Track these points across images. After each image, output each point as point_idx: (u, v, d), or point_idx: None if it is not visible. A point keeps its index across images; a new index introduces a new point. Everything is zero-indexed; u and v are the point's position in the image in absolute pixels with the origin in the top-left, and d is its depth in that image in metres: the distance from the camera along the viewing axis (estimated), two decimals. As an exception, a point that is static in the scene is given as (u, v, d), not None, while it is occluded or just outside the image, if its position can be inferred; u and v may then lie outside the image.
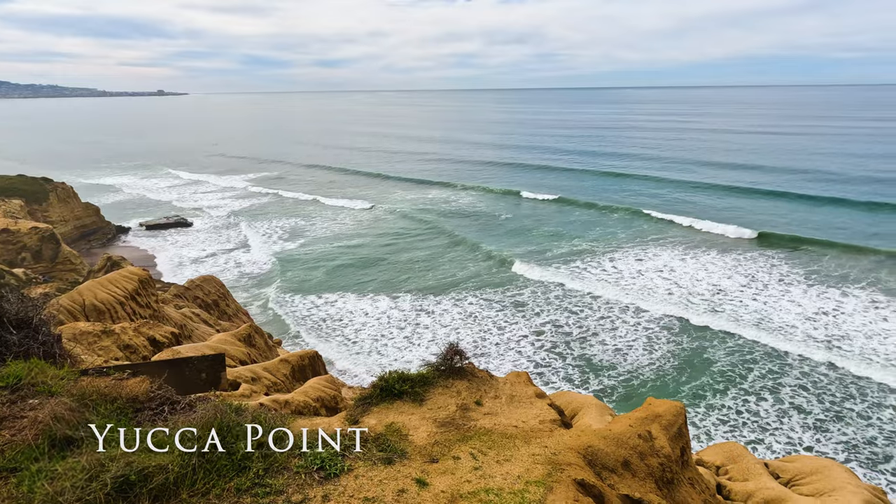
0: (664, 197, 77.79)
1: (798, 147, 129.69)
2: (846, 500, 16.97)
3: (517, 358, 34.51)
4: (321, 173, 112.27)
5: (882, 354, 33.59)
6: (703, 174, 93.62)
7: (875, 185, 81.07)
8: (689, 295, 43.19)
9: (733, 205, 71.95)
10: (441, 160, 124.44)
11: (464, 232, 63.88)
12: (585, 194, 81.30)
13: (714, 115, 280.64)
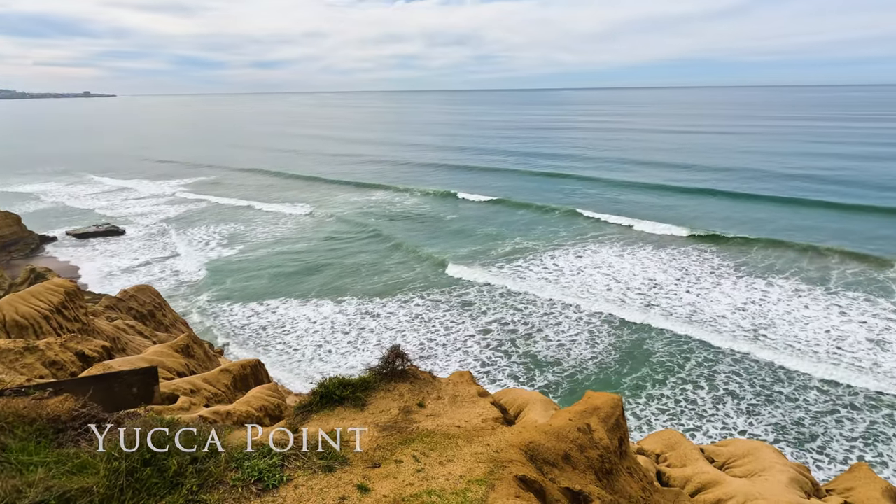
0: (602, 196, 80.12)
1: (721, 146, 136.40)
2: (774, 479, 17.97)
3: (464, 358, 34.73)
4: (260, 177, 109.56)
5: (803, 340, 35.72)
6: (638, 173, 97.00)
7: (793, 181, 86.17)
8: (627, 290, 44.64)
9: (667, 203, 74.86)
10: (383, 162, 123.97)
11: (409, 234, 63.80)
12: (526, 195, 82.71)
13: (645, 115, 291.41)
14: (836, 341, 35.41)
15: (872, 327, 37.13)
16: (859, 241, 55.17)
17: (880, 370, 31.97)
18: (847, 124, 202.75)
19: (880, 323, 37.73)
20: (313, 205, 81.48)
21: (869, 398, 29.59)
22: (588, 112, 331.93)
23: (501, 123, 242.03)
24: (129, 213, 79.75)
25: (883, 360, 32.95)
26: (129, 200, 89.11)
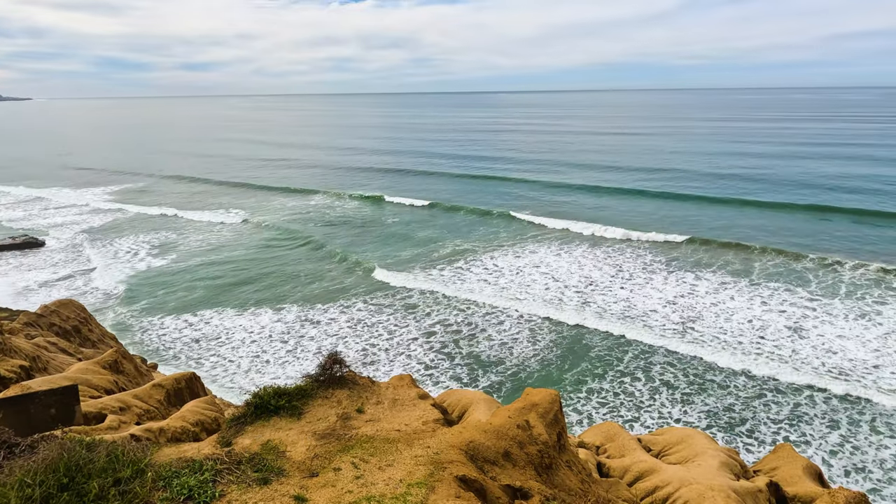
0: (539, 198, 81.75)
1: (652, 147, 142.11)
2: (706, 464, 18.80)
3: (407, 361, 34.62)
4: (191, 184, 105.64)
5: (728, 330, 37.64)
6: (573, 175, 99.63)
7: (719, 180, 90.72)
8: (566, 288, 45.75)
9: (602, 203, 77.26)
10: (320, 167, 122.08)
11: (349, 239, 63.10)
12: (465, 198, 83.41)
13: (580, 117, 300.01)
14: (759, 330, 37.50)
15: (791, 315, 39.56)
16: (779, 236, 58.67)
17: (798, 358, 34.06)
18: (769, 125, 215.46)
19: (798, 311, 40.25)
20: (249, 211, 79.29)
21: (791, 383, 31.45)
22: (524, 115, 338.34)
23: (438, 126, 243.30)
24: (49, 223, 75.13)
25: (800, 347, 35.13)
26: (49, 210, 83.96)
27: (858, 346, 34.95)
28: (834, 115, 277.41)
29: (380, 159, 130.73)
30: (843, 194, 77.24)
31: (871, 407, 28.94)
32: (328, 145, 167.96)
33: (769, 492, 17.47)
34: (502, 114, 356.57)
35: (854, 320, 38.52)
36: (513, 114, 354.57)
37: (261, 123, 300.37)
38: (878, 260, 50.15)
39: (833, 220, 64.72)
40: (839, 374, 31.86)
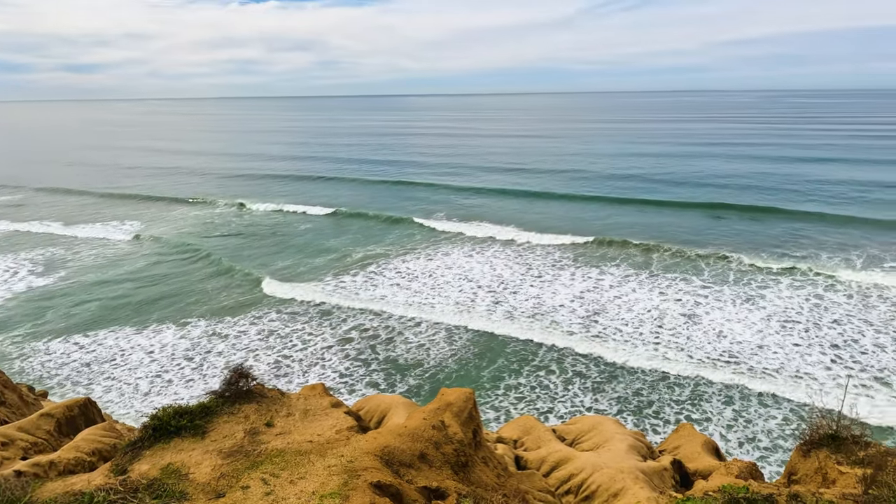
0: (449, 201, 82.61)
1: (557, 149, 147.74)
2: (616, 448, 19.73)
3: (322, 371, 33.83)
4: (80, 196, 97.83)
5: (629, 322, 39.79)
6: (483, 178, 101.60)
7: (618, 181, 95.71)
8: (479, 287, 46.56)
9: (511, 206, 79.23)
10: (224, 175, 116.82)
11: (257, 249, 60.86)
12: (376, 203, 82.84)
13: (487, 120, 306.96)
14: (658, 319, 39.91)
15: (686, 303, 42.43)
16: (676, 232, 62.84)
17: (693, 342, 36.57)
18: (663, 126, 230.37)
19: (691, 299, 43.23)
20: (146, 223, 74.55)
21: (689, 366, 33.66)
22: (433, 118, 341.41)
23: (347, 130, 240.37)
24: None
25: (694, 333, 37.74)
26: None
27: (745, 328, 38.04)
28: (720, 116, 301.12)
29: (287, 166, 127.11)
30: (733, 191, 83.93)
31: (759, 383, 31.54)
32: (231, 152, 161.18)
33: (673, 469, 18.60)
34: (412, 117, 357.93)
35: (741, 305, 41.89)
36: (422, 117, 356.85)
37: (157, 129, 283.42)
38: (761, 251, 55.00)
39: (724, 216, 70.13)
40: (730, 357, 34.49)
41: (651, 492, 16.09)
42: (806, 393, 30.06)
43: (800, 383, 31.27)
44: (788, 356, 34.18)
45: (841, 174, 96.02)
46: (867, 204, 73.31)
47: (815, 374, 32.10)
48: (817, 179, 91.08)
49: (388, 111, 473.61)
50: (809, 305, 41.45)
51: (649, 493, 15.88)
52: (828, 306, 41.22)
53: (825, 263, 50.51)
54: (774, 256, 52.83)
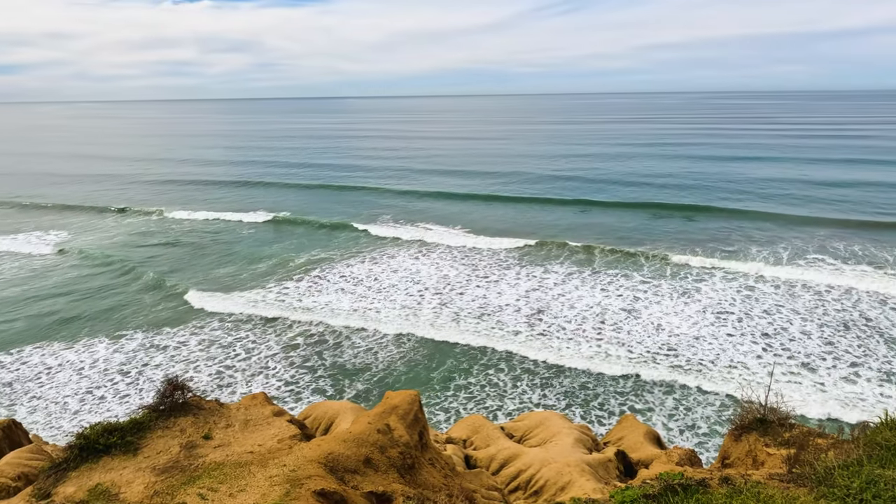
0: (394, 205, 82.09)
1: (498, 151, 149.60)
2: (562, 443, 20.12)
3: (266, 380, 32.99)
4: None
5: (571, 317, 40.72)
6: (426, 181, 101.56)
7: (560, 181, 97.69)
8: (425, 289, 46.56)
9: (455, 209, 79.55)
10: (157, 182, 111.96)
11: (195, 258, 58.80)
12: (318, 208, 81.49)
13: (429, 122, 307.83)
14: (600, 315, 41.01)
15: (626, 298, 43.78)
16: (617, 231, 64.83)
17: (631, 338, 37.76)
18: (598, 127, 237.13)
19: (631, 294, 44.64)
20: (73, 234, 70.72)
21: (631, 359, 34.71)
22: (374, 120, 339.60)
23: (287, 133, 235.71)
24: None
25: (634, 327, 38.98)
26: None
27: (682, 321, 39.58)
28: (649, 117, 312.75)
29: (225, 171, 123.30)
30: (669, 190, 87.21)
31: (698, 372, 32.87)
32: (166, 157, 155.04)
33: (617, 460, 19.13)
34: (352, 119, 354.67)
35: (678, 298, 43.57)
36: (363, 119, 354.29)
37: (85, 134, 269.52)
38: (696, 246, 57.49)
39: (662, 215, 72.81)
40: (669, 349, 35.79)
41: (597, 483, 16.49)
42: (739, 380, 31.55)
43: (734, 371, 32.77)
44: (723, 346, 35.79)
45: (764, 172, 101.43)
46: (790, 200, 77.78)
47: (748, 362, 33.74)
48: (744, 178, 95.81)
49: (329, 113, 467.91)
50: (741, 297, 43.53)
51: (595, 485, 16.28)
52: (758, 297, 43.41)
53: (755, 257, 53.21)
54: (708, 251, 55.25)
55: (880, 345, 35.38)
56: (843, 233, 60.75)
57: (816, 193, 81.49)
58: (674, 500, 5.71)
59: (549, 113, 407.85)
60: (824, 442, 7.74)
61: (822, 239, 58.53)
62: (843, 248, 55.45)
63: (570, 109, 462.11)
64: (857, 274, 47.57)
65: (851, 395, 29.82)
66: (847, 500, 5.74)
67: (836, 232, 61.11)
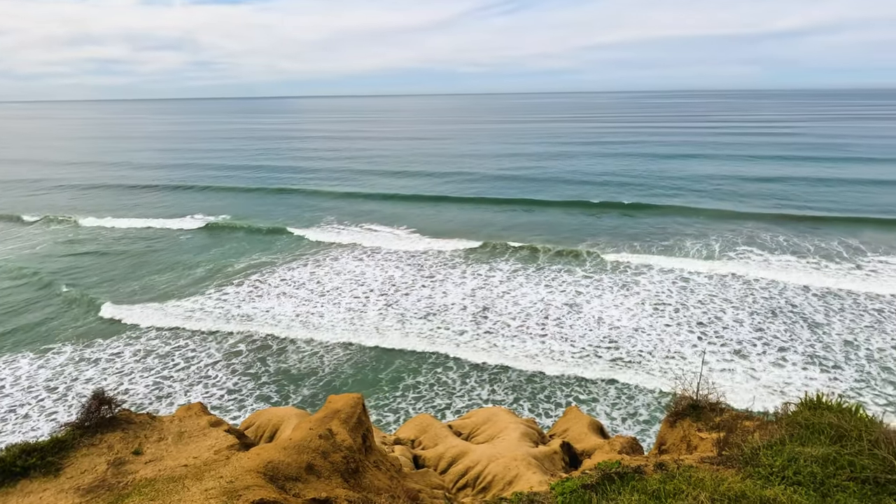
0: (339, 209, 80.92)
1: (443, 151, 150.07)
2: (509, 438, 20.37)
3: (207, 389, 31.90)
4: None
5: (517, 314, 41.33)
6: (371, 182, 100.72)
7: (505, 181, 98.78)
8: (370, 291, 46.18)
9: (398, 211, 79.26)
10: (84, 187, 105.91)
11: (127, 266, 56.25)
12: (259, 212, 79.44)
13: (374, 122, 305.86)
14: (544, 310, 41.77)
15: (568, 293, 44.76)
16: (559, 229, 66.22)
17: (575, 332, 38.64)
18: (541, 126, 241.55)
19: (573, 289, 45.67)
20: None
21: (574, 354, 35.49)
22: (317, 120, 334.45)
23: (226, 134, 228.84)
24: None
25: (577, 322, 39.90)
26: None
27: (622, 313, 40.79)
28: (592, 116, 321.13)
29: (158, 174, 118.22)
30: (610, 188, 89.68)
31: (637, 365, 33.94)
32: (95, 160, 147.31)
33: (563, 451, 19.52)
34: (295, 120, 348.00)
35: (618, 291, 44.88)
36: (306, 119, 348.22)
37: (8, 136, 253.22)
38: (635, 241, 59.41)
39: (604, 213, 74.87)
40: (611, 342, 36.82)
41: (543, 476, 16.78)
42: (676, 369, 32.79)
43: (671, 362, 34.02)
44: (661, 336, 37.11)
45: (698, 169, 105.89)
46: (722, 195, 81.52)
47: (684, 351, 35.11)
48: (679, 175, 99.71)
49: (270, 114, 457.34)
50: (677, 288, 45.26)
51: (541, 477, 16.55)
52: (693, 288, 45.25)
53: (689, 249, 55.47)
54: (646, 246, 57.21)
55: (804, 329, 37.55)
56: (770, 225, 64.18)
57: (746, 188, 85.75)
58: (611, 488, 5.86)
59: (494, 112, 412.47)
60: (751, 424, 8.14)
61: (750, 231, 61.63)
62: (769, 239, 58.57)
63: (514, 109, 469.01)
64: (783, 264, 50.35)
65: (779, 380, 31.50)
66: (771, 478, 6.04)
67: (763, 225, 64.48)
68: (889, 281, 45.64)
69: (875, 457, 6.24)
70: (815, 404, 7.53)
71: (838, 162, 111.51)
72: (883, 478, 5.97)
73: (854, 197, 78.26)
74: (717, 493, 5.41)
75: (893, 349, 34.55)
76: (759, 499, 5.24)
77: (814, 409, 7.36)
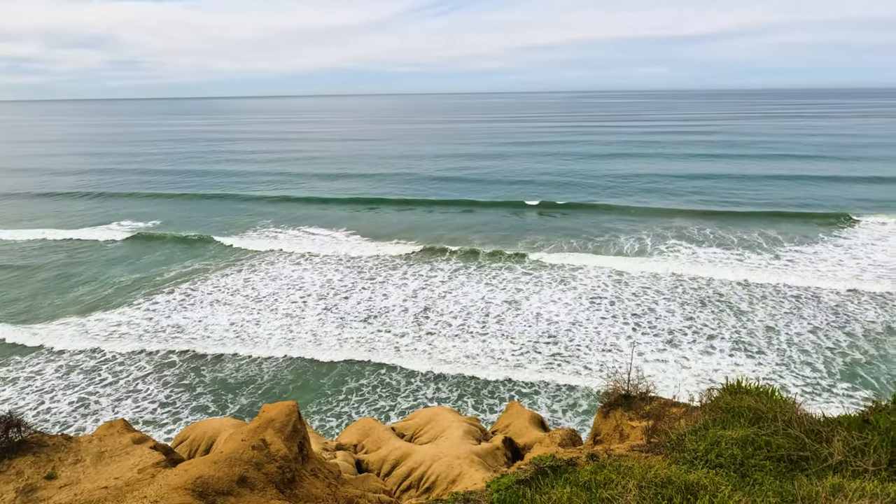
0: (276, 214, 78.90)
1: (381, 152, 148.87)
2: (452, 437, 20.43)
3: (137, 404, 30.41)
4: None
5: (459, 313, 41.59)
6: (309, 186, 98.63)
7: (443, 182, 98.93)
8: (308, 296, 45.32)
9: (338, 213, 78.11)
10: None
11: (49, 281, 52.92)
12: (191, 219, 76.15)
13: (310, 122, 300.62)
14: (485, 308, 42.22)
15: (508, 290, 45.41)
16: (499, 228, 67.07)
17: (514, 328, 39.25)
18: (477, 126, 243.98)
19: (513, 286, 46.38)
20: None
21: (514, 352, 36.01)
22: (251, 122, 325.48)
23: (153, 137, 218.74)
24: None
25: (516, 318, 40.53)
26: None
27: (560, 308, 41.75)
28: (526, 116, 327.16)
29: (78, 181, 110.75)
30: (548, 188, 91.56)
31: (575, 357, 34.80)
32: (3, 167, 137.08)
33: (505, 447, 19.75)
34: (227, 121, 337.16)
35: (556, 287, 45.90)
36: (239, 121, 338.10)
37: None
38: (572, 238, 60.99)
39: (541, 211, 76.53)
40: (549, 336, 37.60)
41: (486, 472, 16.92)
42: (611, 360, 33.86)
43: (607, 355, 35.09)
44: (598, 329, 38.22)
45: (629, 168, 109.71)
46: (651, 193, 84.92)
47: (620, 343, 36.29)
48: (612, 174, 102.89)
49: (200, 115, 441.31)
50: (612, 282, 46.73)
51: (484, 474, 16.68)
52: (627, 281, 46.85)
53: (623, 245, 57.42)
54: (583, 242, 58.81)
55: (731, 317, 39.59)
56: (697, 220, 67.35)
57: (673, 186, 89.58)
58: (544, 482, 5.95)
59: (432, 112, 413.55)
60: (678, 411, 8.47)
61: (679, 226, 64.44)
62: (697, 232, 61.49)
63: (451, 109, 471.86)
64: (709, 255, 52.90)
65: (708, 367, 33.06)
66: (695, 462, 6.30)
67: (690, 220, 67.58)
68: (804, 269, 48.77)
69: (789, 436, 6.62)
70: (735, 389, 7.92)
71: (755, 159, 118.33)
72: (796, 455, 6.33)
73: (770, 192, 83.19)
74: (645, 480, 5.60)
75: (810, 333, 36.91)
76: (683, 483, 5.45)
77: (734, 394, 7.74)
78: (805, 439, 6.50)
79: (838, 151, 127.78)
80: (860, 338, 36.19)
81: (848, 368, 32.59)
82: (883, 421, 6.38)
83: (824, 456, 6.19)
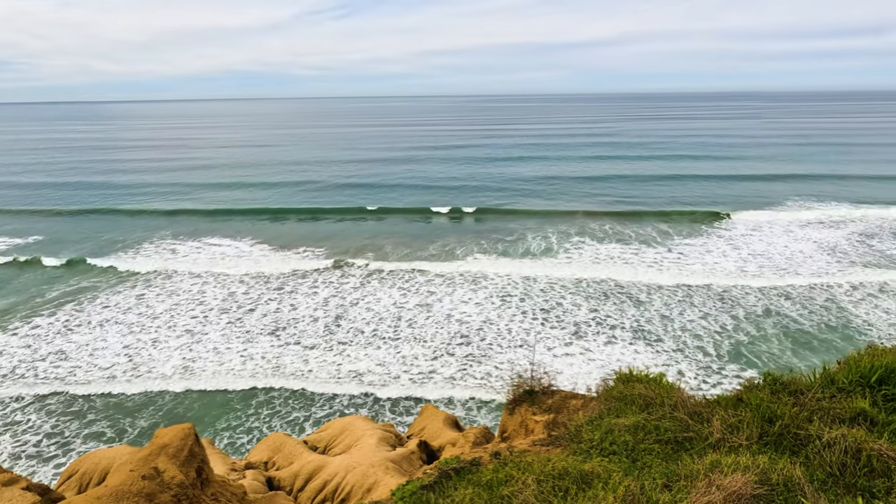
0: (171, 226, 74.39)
1: (282, 158, 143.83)
2: (366, 445, 20.16)
3: (16, 438, 27.50)
4: None
5: (371, 320, 41.27)
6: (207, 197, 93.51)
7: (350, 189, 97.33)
8: (210, 310, 43.25)
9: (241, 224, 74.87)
10: None
11: None
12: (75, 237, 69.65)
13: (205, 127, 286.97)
14: (397, 313, 42.14)
15: (420, 293, 45.59)
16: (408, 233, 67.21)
17: (426, 332, 39.47)
18: (380, 129, 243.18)
19: (425, 289, 46.61)
20: None
21: (427, 357, 36.18)
22: (139, 127, 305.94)
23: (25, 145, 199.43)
24: None
25: (428, 322, 40.75)
26: None
27: (471, 308, 42.44)
28: (429, 120, 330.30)
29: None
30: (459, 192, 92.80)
31: (487, 356, 35.45)
32: None
33: (420, 450, 19.76)
34: (113, 127, 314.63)
35: (468, 287, 46.60)
36: (126, 127, 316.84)
37: None
38: (481, 239, 62.27)
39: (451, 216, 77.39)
40: (462, 336, 38.08)
41: (402, 478, 16.83)
42: (523, 355, 34.84)
43: (518, 350, 36.02)
44: (508, 325, 39.20)
45: (533, 171, 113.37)
46: (554, 194, 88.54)
47: (529, 339, 37.41)
48: (516, 178, 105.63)
49: (83, 120, 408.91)
50: (521, 279, 48.10)
51: (400, 480, 16.59)
52: (536, 278, 48.40)
53: (530, 244, 59.33)
54: (492, 243, 60.17)
55: (630, 307, 41.91)
56: (597, 219, 70.92)
57: (574, 188, 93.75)
58: (448, 485, 6.00)
59: (335, 117, 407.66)
60: (578, 402, 8.84)
61: (580, 225, 67.51)
62: (598, 228, 64.74)
63: (353, 113, 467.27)
64: (609, 250, 55.79)
65: (611, 358, 34.78)
66: (591, 451, 6.60)
67: (591, 219, 71.05)
68: (693, 260, 52.61)
69: (675, 419, 7.08)
70: (627, 377, 8.38)
71: (648, 160, 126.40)
72: (681, 436, 6.78)
73: (661, 191, 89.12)
74: (543, 473, 5.78)
75: (701, 319, 39.81)
76: (578, 473, 5.68)
77: (626, 382, 8.18)
78: (689, 421, 6.98)
79: (717, 151, 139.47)
80: (743, 320, 39.50)
81: (734, 349, 35.46)
82: (753, 398, 6.98)
83: (705, 435, 6.66)
